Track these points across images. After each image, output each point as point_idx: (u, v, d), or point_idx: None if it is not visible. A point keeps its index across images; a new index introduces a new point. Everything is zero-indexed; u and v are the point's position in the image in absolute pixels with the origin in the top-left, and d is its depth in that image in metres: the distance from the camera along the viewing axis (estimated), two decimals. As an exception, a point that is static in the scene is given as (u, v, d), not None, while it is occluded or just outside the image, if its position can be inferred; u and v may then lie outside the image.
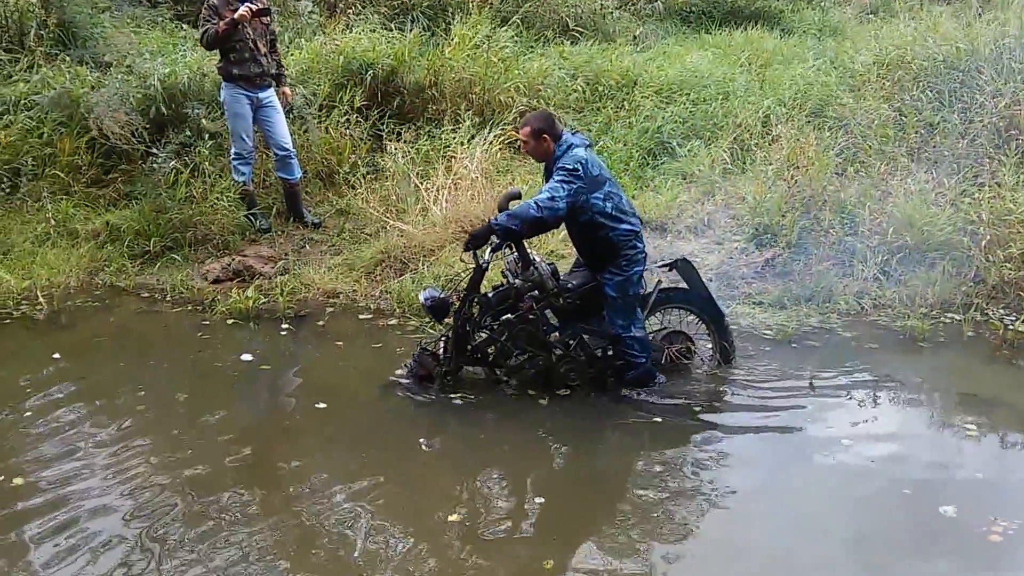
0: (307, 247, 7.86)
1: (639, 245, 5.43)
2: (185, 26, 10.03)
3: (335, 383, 5.88)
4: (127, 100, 8.20)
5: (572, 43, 10.60)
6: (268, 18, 7.77)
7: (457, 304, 5.48)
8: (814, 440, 5.06)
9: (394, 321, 6.68)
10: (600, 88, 9.52)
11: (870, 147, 8.19)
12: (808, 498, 4.54)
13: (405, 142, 8.52)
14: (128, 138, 8.16)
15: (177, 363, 6.18)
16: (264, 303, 7.02)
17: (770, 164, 8.01)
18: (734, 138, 8.56)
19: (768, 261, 7.26)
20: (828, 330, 6.47)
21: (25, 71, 8.77)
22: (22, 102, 8.40)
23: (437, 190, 7.90)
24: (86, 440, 5.03)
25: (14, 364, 6.07)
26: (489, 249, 5.32)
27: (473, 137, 8.36)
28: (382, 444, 5.09)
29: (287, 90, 8.00)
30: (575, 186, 5.15)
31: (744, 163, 8.36)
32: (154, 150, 8.09)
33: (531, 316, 5.44)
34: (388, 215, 7.83)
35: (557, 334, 5.54)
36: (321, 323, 6.77)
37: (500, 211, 5.32)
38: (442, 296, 5.49)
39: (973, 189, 7.50)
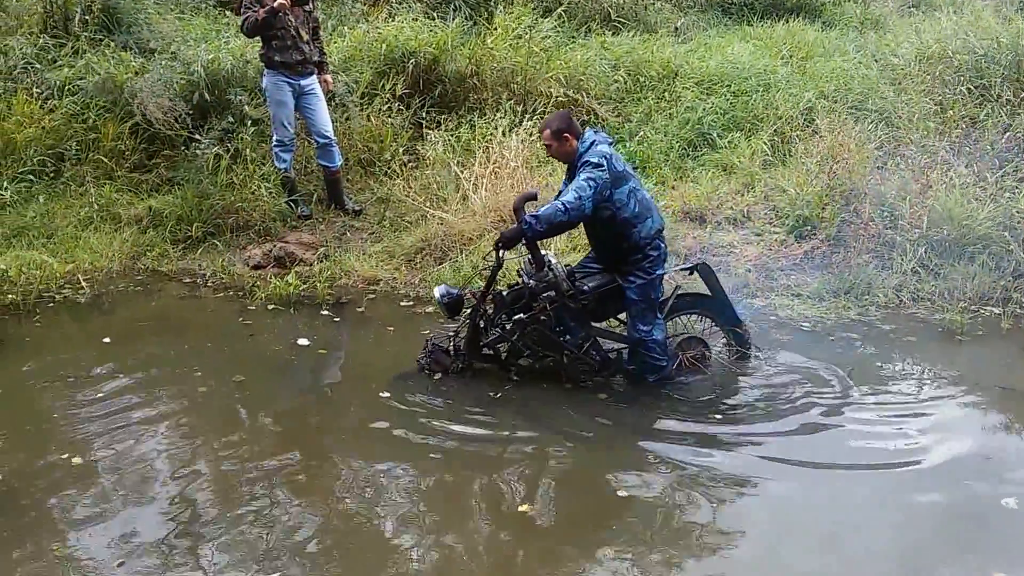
0: (347, 234, 7.92)
1: (662, 245, 5.41)
2: (228, 12, 10.10)
3: (388, 367, 5.87)
4: (171, 86, 8.28)
5: (613, 34, 10.57)
6: (311, 5, 7.82)
7: (472, 301, 5.50)
8: (854, 434, 5.02)
9: (433, 308, 6.70)
10: (641, 79, 9.49)
11: (911, 140, 8.13)
12: (854, 493, 4.49)
13: (446, 131, 8.56)
14: (171, 124, 8.25)
15: (229, 346, 6.26)
16: (304, 289, 7.07)
17: (810, 156, 7.96)
18: (774, 130, 8.52)
19: (807, 253, 7.25)
20: (866, 323, 6.44)
21: (70, 56, 8.86)
22: (67, 87, 8.50)
23: (477, 179, 7.92)
24: (148, 422, 5.14)
25: (64, 347, 6.18)
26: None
27: (513, 126, 8.38)
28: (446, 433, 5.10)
29: (328, 78, 8.05)
30: (601, 181, 5.13)
31: (784, 155, 8.33)
32: (197, 136, 8.16)
33: (543, 317, 5.42)
34: (428, 203, 7.86)
35: (570, 336, 5.50)
36: (361, 309, 6.83)
37: (515, 212, 5.28)
38: (457, 293, 5.51)
39: (1013, 184, 7.44)
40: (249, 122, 8.21)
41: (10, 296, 6.74)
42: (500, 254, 5.32)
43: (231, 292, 7.12)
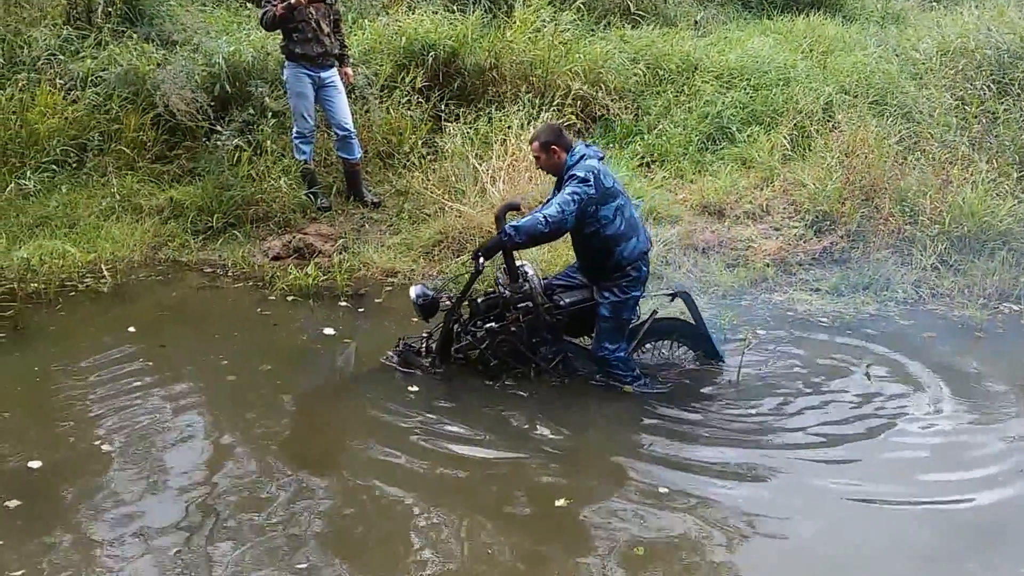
0: (366, 226, 7.95)
1: (644, 268, 5.36)
2: (249, 5, 10.13)
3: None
4: (192, 78, 8.34)
5: (633, 27, 10.57)
6: (330, -1, 7.86)
7: (448, 304, 5.49)
8: (872, 429, 5.05)
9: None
10: (660, 72, 9.48)
11: (931, 136, 8.10)
12: (875, 489, 4.49)
13: (464, 124, 8.58)
14: (193, 116, 8.30)
15: (254, 336, 6.32)
16: (323, 280, 7.11)
17: (830, 151, 7.94)
18: (794, 124, 8.50)
19: (826, 248, 7.25)
20: (885, 318, 6.45)
21: (93, 48, 8.89)
22: (90, 78, 8.55)
23: (495, 172, 7.93)
24: (176, 411, 5.23)
25: (87, 335, 6.24)
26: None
27: (532, 119, 8.39)
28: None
29: (349, 70, 8.09)
30: (586, 197, 5.09)
31: (804, 150, 8.31)
32: (218, 128, 8.22)
33: (514, 329, 5.41)
34: (446, 196, 7.88)
35: (542, 349, 5.50)
36: (379, 300, 6.87)
37: (497, 221, 5.30)
38: (433, 295, 5.49)
39: (1034, 180, 7.43)
40: (270, 114, 8.26)
41: (33, 285, 6.79)
42: (479, 262, 5.27)
43: (251, 282, 7.17)
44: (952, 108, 8.40)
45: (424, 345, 5.66)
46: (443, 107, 8.86)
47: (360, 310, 6.76)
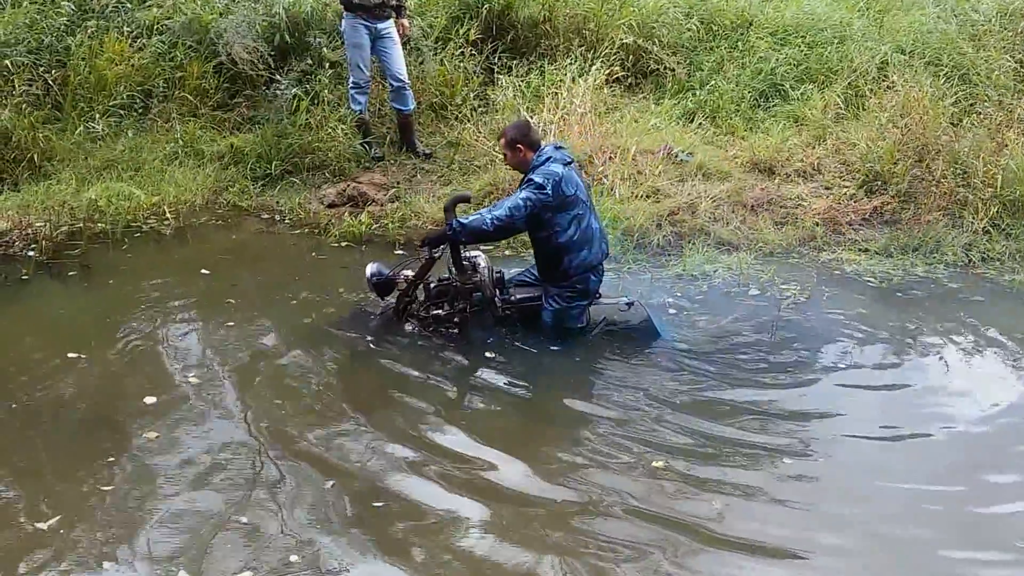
0: (418, 176, 8.08)
1: (592, 279, 5.35)
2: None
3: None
4: (253, 28, 8.48)
5: (688, -20, 10.51)
6: (390, -50, 7.93)
7: (402, 285, 5.50)
8: (917, 391, 5.07)
9: (510, 252, 6.83)
10: (714, 28, 9.44)
11: (987, 98, 8.03)
12: (916, 454, 4.50)
13: (516, 76, 8.65)
14: (254, 65, 8.46)
15: (316, 279, 6.45)
16: (375, 228, 7.27)
17: (884, 111, 7.89)
18: (848, 83, 8.45)
19: (877, 209, 7.25)
20: (934, 281, 6.44)
21: (159, -4, 9.07)
22: (155, 27, 8.72)
23: (545, 125, 8.00)
24: (244, 348, 5.43)
25: (151, 275, 6.43)
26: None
27: (583, 73, 8.43)
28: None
29: (405, 22, 8.16)
30: (539, 204, 5.09)
31: (857, 109, 8.27)
32: (277, 77, 8.38)
33: (457, 319, 5.46)
34: (497, 148, 7.97)
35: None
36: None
37: (446, 211, 5.26)
38: (388, 274, 5.47)
39: (1092, 144, 7.32)
40: (327, 64, 8.42)
41: (100, 225, 7.04)
42: (429, 251, 5.32)
43: (306, 228, 7.34)
44: (1010, 70, 8.30)
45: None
46: (496, 60, 8.91)
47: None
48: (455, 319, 5.46)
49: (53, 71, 8.19)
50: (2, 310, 5.89)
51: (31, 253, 6.61)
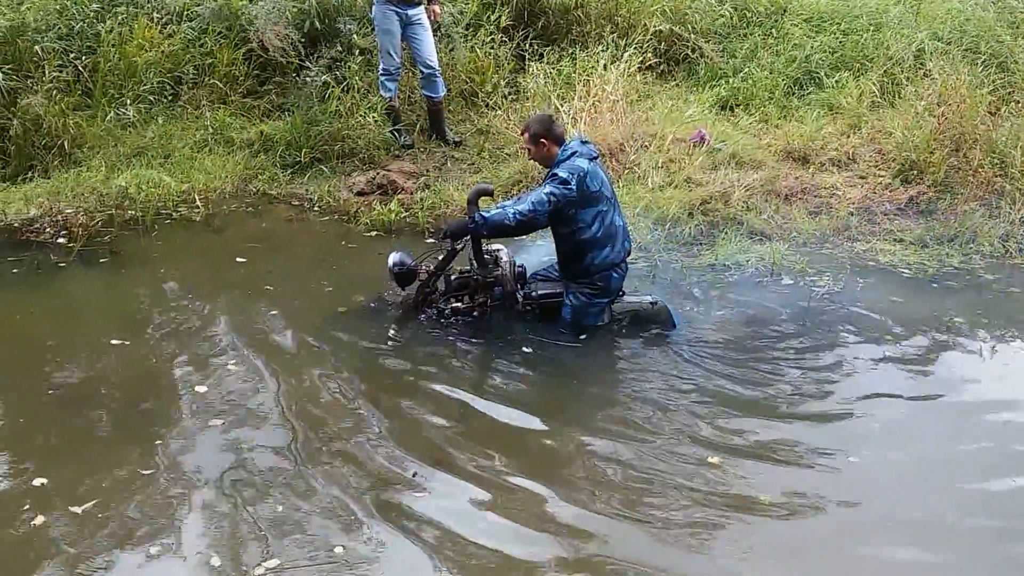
0: (448, 164, 8.05)
1: (614, 276, 5.31)
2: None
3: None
4: (283, 14, 8.45)
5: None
6: (421, -65, 7.88)
7: (424, 276, 5.48)
8: (951, 383, 5.00)
9: (541, 242, 6.76)
10: (748, 14, 9.37)
11: (1026, 86, 7.92)
12: (950, 446, 4.44)
13: (547, 64, 8.59)
14: (285, 51, 8.43)
15: (348, 266, 6.46)
16: (405, 217, 7.23)
17: (920, 99, 7.79)
18: (884, 71, 8.35)
19: (912, 198, 7.18)
20: (969, 271, 6.35)
21: (188, -18, 9.07)
22: (185, 13, 8.70)
23: (577, 113, 7.96)
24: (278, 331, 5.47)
25: (181, 262, 6.48)
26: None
27: (615, 60, 8.37)
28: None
29: (437, 8, 8.12)
30: (563, 199, 5.05)
31: (893, 97, 8.17)
32: (307, 64, 8.35)
33: (476, 313, 5.43)
34: (521, 142, 7.93)
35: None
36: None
37: (468, 204, 5.21)
38: (411, 264, 5.41)
39: None
40: (357, 51, 8.37)
41: (130, 212, 7.05)
42: (451, 243, 5.30)
43: (336, 216, 7.32)
44: (1050, 58, 8.19)
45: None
46: (527, 46, 8.85)
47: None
48: (474, 312, 5.44)
49: (83, 57, 8.19)
50: (36, 297, 5.90)
51: (61, 240, 6.63)
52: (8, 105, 7.60)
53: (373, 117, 8.05)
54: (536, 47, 8.85)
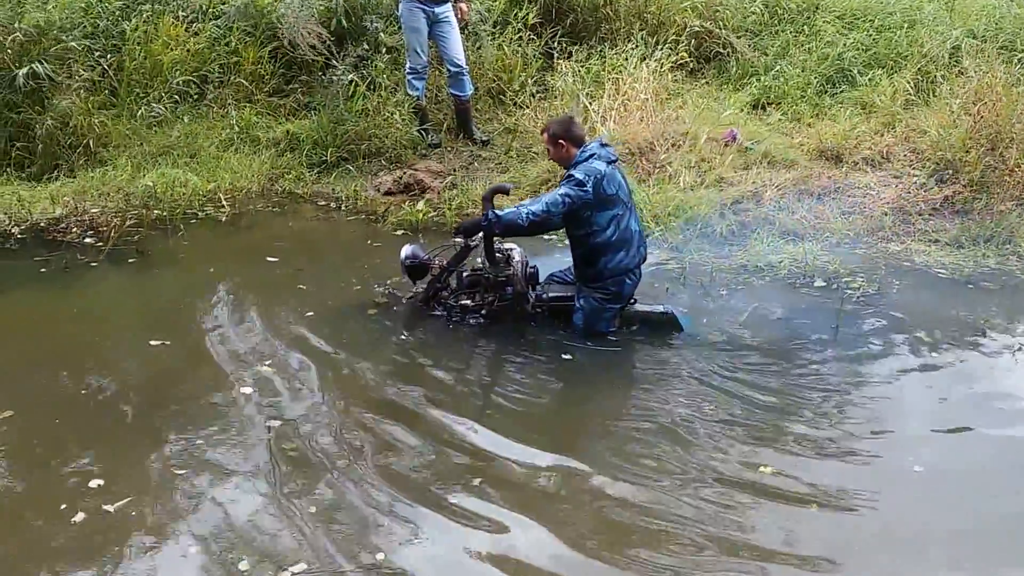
0: (475, 164, 8.00)
1: (627, 283, 5.23)
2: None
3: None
4: (311, 11, 8.42)
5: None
6: (448, -67, 7.83)
7: (436, 271, 5.46)
8: (987, 386, 4.86)
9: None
10: (779, 11, 9.24)
11: (1065, 83, 7.75)
12: (981, 455, 4.30)
13: (576, 62, 8.51)
14: (313, 49, 8.40)
15: (379, 265, 6.38)
16: (433, 216, 7.18)
17: (955, 97, 7.65)
18: (918, 69, 8.21)
19: (947, 198, 7.03)
20: (1006, 273, 6.20)
21: (213, -20, 9.05)
22: (210, 11, 8.71)
23: (606, 111, 7.88)
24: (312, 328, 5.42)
25: (209, 261, 6.45)
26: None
27: (645, 58, 8.28)
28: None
29: (464, 6, 8.08)
30: (579, 202, 5.00)
31: (928, 95, 8.04)
32: (333, 62, 8.31)
33: (484, 311, 5.39)
34: (540, 142, 7.87)
35: None
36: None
37: (484, 202, 5.18)
38: (424, 258, 5.42)
39: None
40: (384, 49, 8.34)
41: (156, 212, 7.04)
42: (464, 240, 5.29)
43: (363, 216, 7.30)
44: (1089, 56, 8.03)
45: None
46: (555, 44, 8.78)
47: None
48: (483, 311, 5.40)
49: (108, 56, 8.19)
50: (68, 296, 5.89)
51: (89, 240, 6.62)
52: (36, 104, 7.59)
53: (400, 115, 8.00)
54: (564, 45, 8.78)
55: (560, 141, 5.23)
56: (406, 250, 5.42)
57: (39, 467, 4.08)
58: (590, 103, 8.00)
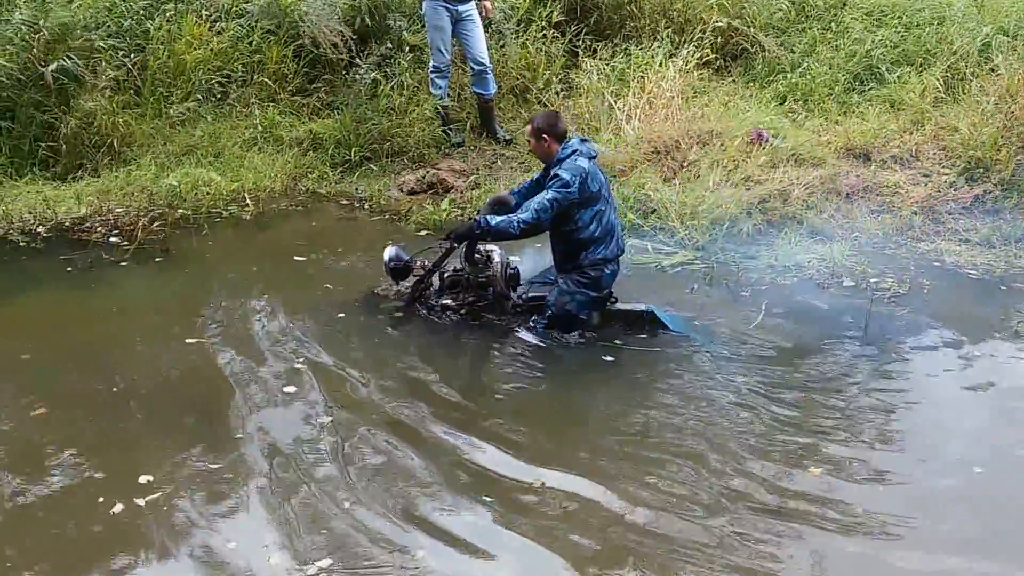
0: (498, 163, 7.97)
1: (605, 271, 5.25)
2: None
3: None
4: (335, 10, 8.40)
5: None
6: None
7: (420, 272, 5.51)
8: (1016, 392, 4.78)
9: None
10: (807, 8, 9.18)
11: (1098, 81, 7.63)
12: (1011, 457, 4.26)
13: (600, 60, 8.46)
14: (337, 48, 8.38)
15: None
16: (456, 215, 7.13)
17: (986, 95, 7.56)
18: (948, 66, 8.10)
19: (978, 197, 6.94)
20: (1038, 272, 6.12)
21: (236, -21, 9.04)
22: (233, 10, 8.68)
23: (631, 109, 7.84)
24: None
25: (232, 260, 6.51)
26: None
27: (670, 56, 8.22)
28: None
29: (488, 4, 8.05)
30: (566, 203, 5.04)
31: (958, 93, 7.93)
32: (357, 61, 8.29)
33: (464, 311, 5.43)
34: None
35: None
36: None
37: (488, 206, 5.33)
38: (406, 259, 5.45)
39: None
40: (407, 48, 8.30)
41: (180, 211, 7.04)
42: (451, 243, 5.32)
43: (386, 215, 7.28)
44: (1121, 52, 7.90)
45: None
46: (579, 42, 8.74)
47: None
48: (463, 311, 5.45)
49: (132, 55, 8.18)
50: (94, 295, 5.92)
51: (114, 239, 6.63)
52: (61, 103, 7.61)
53: (423, 114, 7.98)
54: (589, 43, 8.74)
55: (544, 136, 5.24)
56: (389, 252, 5.48)
57: (73, 462, 4.13)
58: (615, 101, 7.95)
